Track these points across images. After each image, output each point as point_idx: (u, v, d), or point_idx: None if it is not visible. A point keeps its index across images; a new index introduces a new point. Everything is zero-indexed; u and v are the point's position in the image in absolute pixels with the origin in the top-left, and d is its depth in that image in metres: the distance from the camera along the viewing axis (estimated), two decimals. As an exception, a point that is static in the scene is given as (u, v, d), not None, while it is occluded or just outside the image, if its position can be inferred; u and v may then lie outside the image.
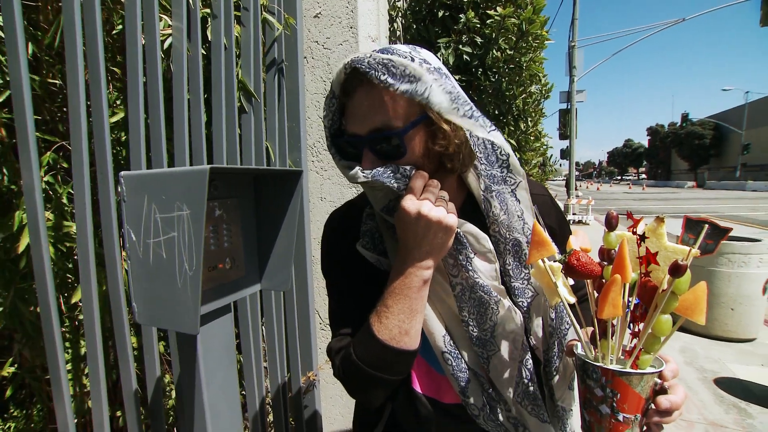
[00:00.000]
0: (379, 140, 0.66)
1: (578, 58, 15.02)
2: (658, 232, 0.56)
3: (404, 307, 0.68)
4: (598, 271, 0.58)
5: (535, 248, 0.61)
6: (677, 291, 0.54)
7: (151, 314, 0.57)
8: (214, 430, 0.65)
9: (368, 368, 0.71)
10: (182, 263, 0.53)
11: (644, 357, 0.57)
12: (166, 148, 0.92)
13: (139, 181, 0.55)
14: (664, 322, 0.55)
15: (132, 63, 0.85)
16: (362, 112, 0.66)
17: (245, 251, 0.72)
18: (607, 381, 0.56)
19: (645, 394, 0.56)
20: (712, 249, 0.55)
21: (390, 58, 0.63)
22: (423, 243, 0.65)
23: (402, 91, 0.62)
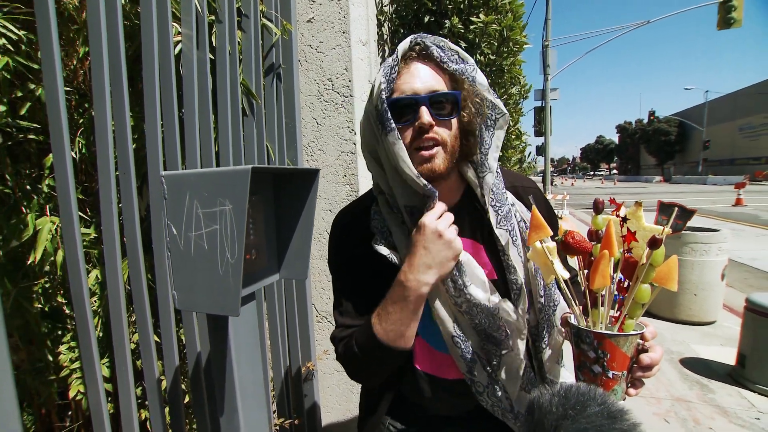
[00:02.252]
0: (439, 98, 0.77)
1: (551, 57, 15.47)
2: (637, 214, 0.67)
3: (402, 316, 0.78)
4: (590, 247, 0.68)
5: (533, 231, 0.70)
6: (654, 263, 0.64)
7: (191, 300, 0.64)
8: (243, 405, 0.72)
9: (366, 360, 0.83)
10: (224, 253, 0.60)
11: (628, 322, 0.67)
12: (180, 149, 0.97)
13: (181, 180, 0.62)
14: (644, 291, 0.65)
15: (149, 70, 0.90)
16: (422, 76, 0.77)
17: (267, 244, 0.79)
18: (598, 343, 0.66)
19: (630, 353, 0.66)
20: (681, 228, 0.66)
21: (446, 42, 0.78)
22: (431, 257, 0.75)
23: (453, 69, 0.76)
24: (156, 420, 0.91)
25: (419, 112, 0.76)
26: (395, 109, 0.78)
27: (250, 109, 1.28)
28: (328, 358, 1.78)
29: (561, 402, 0.42)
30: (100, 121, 0.80)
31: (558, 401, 0.42)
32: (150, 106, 0.91)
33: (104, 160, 0.81)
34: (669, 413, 2.61)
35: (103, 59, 0.78)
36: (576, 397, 0.42)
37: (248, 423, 0.72)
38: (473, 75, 0.76)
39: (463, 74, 0.76)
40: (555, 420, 0.41)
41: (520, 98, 2.36)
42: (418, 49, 0.78)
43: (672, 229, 0.66)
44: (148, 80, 0.90)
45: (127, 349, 0.84)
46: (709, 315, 3.94)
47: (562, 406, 0.42)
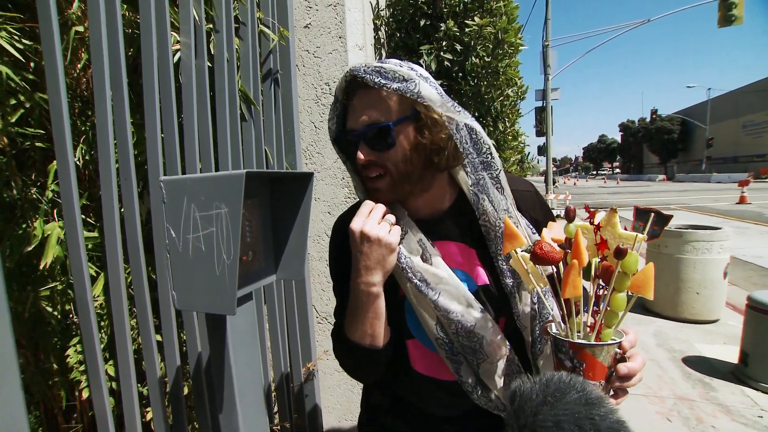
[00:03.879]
0: (372, 132, 0.77)
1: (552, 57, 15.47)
2: (612, 221, 0.66)
3: (361, 317, 0.81)
4: (559, 258, 0.68)
5: (507, 240, 0.72)
6: (626, 271, 0.64)
7: (190, 300, 0.66)
8: (241, 405, 0.74)
9: (348, 359, 0.89)
10: (220, 254, 0.62)
11: (606, 331, 0.67)
12: (180, 156, 1.00)
13: (179, 185, 0.64)
14: (619, 299, 0.65)
15: (148, 78, 0.93)
16: (359, 109, 0.79)
17: (263, 245, 0.81)
18: (574, 353, 0.66)
19: (607, 363, 0.66)
20: (658, 234, 0.66)
21: (382, 65, 0.76)
22: (366, 258, 0.77)
23: (394, 89, 0.74)
24: (158, 419, 0.94)
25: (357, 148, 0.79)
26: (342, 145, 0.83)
27: (248, 114, 1.31)
28: (329, 359, 1.80)
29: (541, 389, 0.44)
30: (101, 127, 0.83)
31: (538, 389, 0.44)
32: (150, 113, 0.93)
33: (106, 166, 0.84)
34: (672, 412, 2.61)
35: (104, 67, 0.81)
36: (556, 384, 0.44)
37: (246, 419, 0.74)
38: (416, 91, 0.75)
39: (406, 93, 0.75)
40: (534, 407, 0.43)
41: (517, 99, 2.38)
42: (356, 81, 0.78)
43: (648, 235, 0.66)
44: (147, 87, 0.93)
45: (129, 350, 0.86)
46: (712, 313, 3.93)
47: (542, 393, 0.43)
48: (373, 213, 0.78)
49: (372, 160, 0.80)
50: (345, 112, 0.82)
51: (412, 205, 0.91)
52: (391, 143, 0.78)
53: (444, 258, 0.90)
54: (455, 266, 0.91)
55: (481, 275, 0.91)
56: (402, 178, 0.81)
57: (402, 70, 0.76)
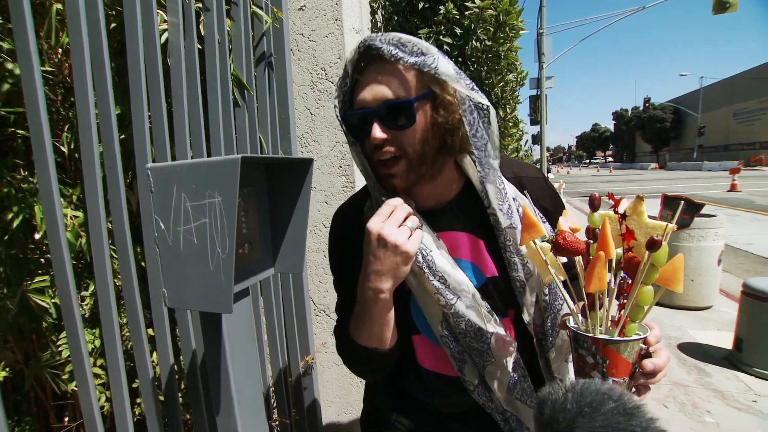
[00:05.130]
0: (389, 110, 0.72)
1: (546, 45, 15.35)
2: (639, 210, 0.62)
3: (368, 322, 0.77)
4: (583, 249, 0.64)
5: (525, 231, 0.67)
6: (656, 263, 0.60)
7: (183, 298, 0.62)
8: (239, 406, 0.70)
9: (353, 359, 0.86)
10: (215, 247, 0.57)
11: (630, 325, 0.63)
12: (168, 142, 0.94)
13: (167, 172, 0.59)
14: (646, 293, 0.61)
15: (133, 58, 0.86)
16: (374, 85, 0.72)
17: (261, 237, 0.76)
18: (597, 349, 0.63)
19: (631, 359, 0.63)
20: (688, 223, 0.64)
21: (400, 36, 0.70)
22: (378, 263, 0.72)
23: (412, 63, 0.69)
24: (151, 417, 0.90)
25: (371, 126, 0.72)
26: (351, 124, 0.76)
27: (242, 99, 1.25)
28: (327, 352, 1.77)
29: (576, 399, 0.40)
30: (83, 113, 0.77)
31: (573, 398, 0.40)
32: (136, 97, 0.87)
33: (89, 154, 0.78)
34: (668, 398, 2.64)
35: (83, 48, 0.74)
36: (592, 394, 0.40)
37: (245, 421, 0.70)
38: (434, 66, 0.69)
39: (424, 66, 0.69)
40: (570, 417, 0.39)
41: (516, 85, 2.33)
42: (371, 53, 0.72)
43: (678, 224, 0.62)
44: (133, 70, 0.87)
45: (118, 347, 0.81)
46: (706, 300, 3.97)
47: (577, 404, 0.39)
48: (395, 214, 0.72)
49: (388, 139, 0.73)
50: (353, 87, 0.76)
51: (418, 195, 0.87)
52: (410, 121, 0.73)
53: (450, 249, 0.86)
54: (462, 257, 0.88)
55: (489, 266, 0.87)
56: (419, 161, 0.76)
57: (421, 42, 0.71)
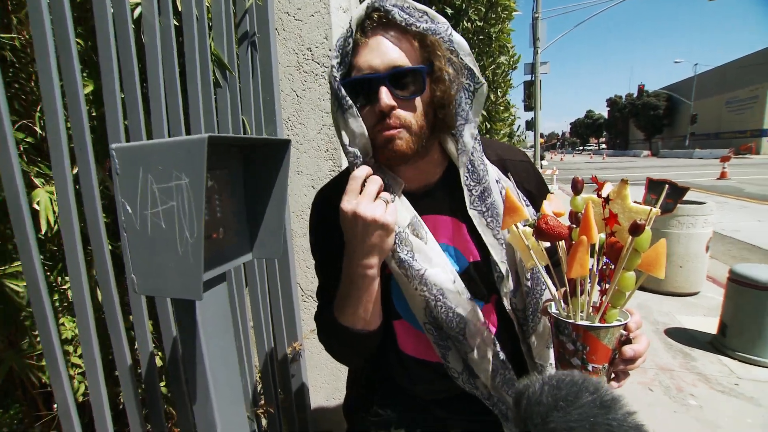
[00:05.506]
0: (398, 76, 0.69)
1: (542, 30, 15.19)
2: (623, 194, 0.60)
3: (355, 301, 0.76)
4: (566, 234, 0.62)
5: (507, 214, 0.65)
6: (639, 248, 0.58)
7: (152, 285, 0.59)
8: (215, 395, 0.69)
9: (336, 343, 0.85)
10: (183, 231, 0.55)
11: (611, 311, 0.63)
12: (144, 123, 0.90)
13: (133, 153, 0.56)
14: (627, 278, 0.60)
15: (102, 32, 0.82)
16: (382, 49, 0.69)
17: (236, 221, 0.74)
18: (577, 335, 0.62)
19: (612, 345, 0.62)
20: (671, 208, 0.61)
21: (410, 2, 0.69)
22: (361, 241, 0.70)
23: (425, 29, 0.67)
24: (131, 407, 0.88)
25: (379, 93, 0.69)
26: (352, 90, 0.72)
27: (223, 80, 1.20)
28: (315, 338, 1.76)
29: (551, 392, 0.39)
30: (46, 92, 0.72)
31: (548, 391, 0.39)
32: (107, 74, 0.83)
33: (55, 135, 0.74)
34: (653, 382, 2.69)
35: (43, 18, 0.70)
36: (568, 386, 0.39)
37: (222, 410, 0.68)
38: (449, 35, 0.67)
39: (436, 34, 0.67)
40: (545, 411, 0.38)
41: (508, 69, 2.29)
42: (377, 16, 0.68)
43: (662, 209, 0.61)
44: (102, 46, 0.82)
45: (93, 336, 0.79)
46: (694, 286, 4.02)
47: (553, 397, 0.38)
48: (367, 190, 0.70)
49: (395, 106, 0.70)
50: (354, 50, 0.72)
51: (403, 176, 0.84)
52: (419, 89, 0.71)
53: (434, 233, 0.84)
54: (446, 242, 0.86)
55: (472, 251, 0.86)
56: (417, 135, 0.73)
57: (431, 10, 0.69)
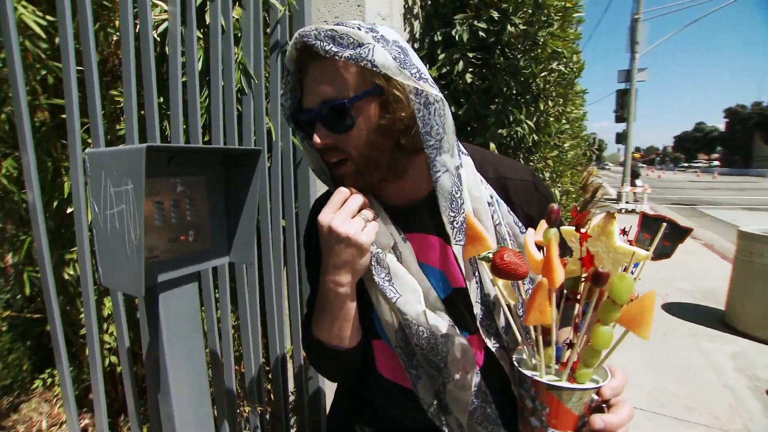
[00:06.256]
0: (328, 111, 0.66)
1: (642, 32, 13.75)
2: (608, 230, 0.51)
3: (328, 317, 0.74)
4: (525, 273, 0.53)
5: (469, 243, 0.58)
6: (617, 300, 0.48)
7: (110, 279, 0.63)
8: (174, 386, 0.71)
9: (315, 356, 0.84)
10: (129, 233, 0.57)
11: (582, 370, 0.52)
12: (159, 129, 0.98)
13: (99, 158, 0.60)
14: (602, 334, 0.50)
15: (125, 46, 0.90)
16: (314, 84, 0.68)
17: (212, 225, 0.76)
18: (536, 392, 0.53)
19: (578, 411, 0.52)
20: (669, 252, 0.49)
21: (335, 28, 0.63)
22: (334, 257, 0.68)
23: (347, 56, 0.62)
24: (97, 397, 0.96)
25: (314, 131, 0.69)
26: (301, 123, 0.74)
27: (248, 88, 1.26)
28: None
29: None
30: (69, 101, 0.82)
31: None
32: (126, 81, 0.92)
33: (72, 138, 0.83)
34: (740, 449, 2.23)
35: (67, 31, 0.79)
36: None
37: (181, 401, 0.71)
38: (370, 58, 0.61)
39: (360, 60, 0.61)
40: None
41: (570, 76, 2.09)
42: (308, 50, 0.66)
43: (655, 253, 0.49)
44: (124, 56, 0.91)
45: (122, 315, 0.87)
46: (812, 337, 3.29)
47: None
48: (346, 205, 0.68)
49: (329, 143, 0.69)
50: (300, 85, 0.72)
51: (384, 192, 0.80)
52: (350, 124, 0.67)
53: (418, 253, 0.79)
54: (430, 263, 0.79)
55: (458, 277, 0.78)
56: (367, 165, 0.70)
57: (358, 33, 0.62)
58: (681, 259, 6.25)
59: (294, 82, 0.72)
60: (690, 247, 7.19)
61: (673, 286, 4.95)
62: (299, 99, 0.73)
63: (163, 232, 0.67)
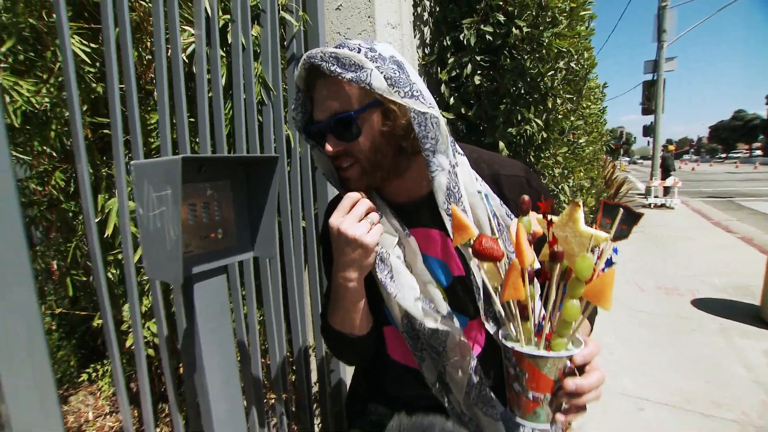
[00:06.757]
0: (337, 123, 0.76)
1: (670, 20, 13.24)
2: (574, 217, 0.57)
3: (341, 308, 0.84)
4: (500, 256, 0.62)
5: (456, 232, 0.66)
6: (580, 277, 0.56)
7: (154, 270, 0.74)
8: (208, 365, 0.81)
9: (330, 341, 0.93)
10: (169, 231, 0.68)
11: (557, 341, 0.60)
12: (189, 139, 1.10)
13: (142, 168, 0.71)
14: (571, 307, 0.57)
15: (159, 70, 1.03)
16: (322, 100, 0.78)
17: (237, 224, 0.86)
18: (516, 361, 0.61)
19: (553, 376, 0.59)
20: (626, 234, 0.56)
21: (337, 51, 0.72)
22: (343, 256, 0.77)
23: (349, 78, 0.71)
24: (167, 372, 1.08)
25: (325, 141, 0.78)
26: (312, 134, 0.83)
27: (267, 99, 1.37)
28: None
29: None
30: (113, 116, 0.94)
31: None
32: (160, 99, 1.04)
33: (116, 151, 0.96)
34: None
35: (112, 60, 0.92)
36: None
37: (213, 379, 0.81)
38: (368, 82, 0.70)
39: (360, 82, 0.71)
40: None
41: (582, 72, 2.11)
42: (315, 70, 0.76)
43: (615, 235, 0.55)
44: (158, 78, 1.03)
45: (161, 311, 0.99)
46: None
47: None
48: (354, 210, 0.78)
49: (340, 150, 0.79)
50: (311, 101, 0.82)
51: (388, 191, 0.89)
52: (356, 133, 0.77)
53: (421, 245, 0.87)
54: (432, 254, 0.88)
55: (458, 265, 0.86)
56: (372, 166, 0.80)
57: (357, 56, 0.72)
58: (714, 254, 6.02)
59: (304, 98, 0.82)
60: (725, 241, 6.89)
61: (704, 281, 4.79)
62: (310, 113, 0.83)
63: (196, 230, 0.77)
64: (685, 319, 3.79)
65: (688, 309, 4.05)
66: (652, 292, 4.56)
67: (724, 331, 3.52)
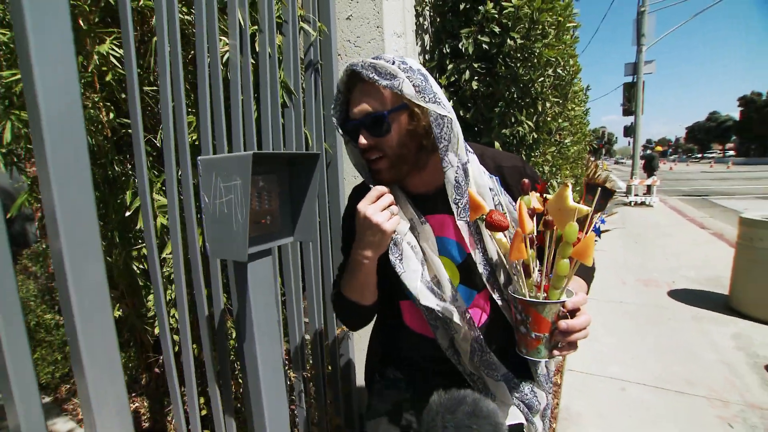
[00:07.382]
0: (369, 120, 0.91)
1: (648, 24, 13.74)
2: (564, 195, 0.74)
3: (354, 280, 0.98)
4: (506, 225, 0.79)
5: (472, 210, 0.82)
6: (568, 240, 0.73)
7: (218, 250, 0.87)
8: (258, 334, 0.95)
9: (341, 309, 1.08)
10: (237, 215, 0.81)
11: (553, 291, 0.76)
12: (226, 138, 1.22)
13: (210, 163, 0.84)
14: (562, 264, 0.74)
15: (201, 75, 1.15)
16: (358, 101, 0.92)
17: (281, 212, 1.00)
18: (522, 308, 0.78)
19: (550, 319, 0.76)
20: (603, 207, 0.73)
21: (375, 62, 0.88)
22: (364, 236, 0.91)
23: (384, 84, 0.87)
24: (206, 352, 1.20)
25: (359, 135, 0.93)
26: (347, 130, 0.97)
27: (289, 101, 1.50)
28: (362, 323, 2.00)
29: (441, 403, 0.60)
30: (164, 116, 1.07)
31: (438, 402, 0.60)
32: (202, 102, 1.16)
33: (167, 148, 1.08)
34: (735, 418, 2.41)
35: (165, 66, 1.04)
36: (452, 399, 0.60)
37: (262, 345, 0.94)
38: (400, 88, 0.85)
39: (393, 89, 0.86)
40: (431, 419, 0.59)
41: (567, 78, 2.29)
42: (355, 76, 0.90)
43: (595, 209, 0.72)
44: (200, 83, 1.16)
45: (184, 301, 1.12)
46: (813, 318, 3.42)
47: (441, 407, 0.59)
48: (380, 201, 0.92)
49: (371, 144, 0.93)
50: (347, 102, 0.96)
51: (410, 183, 1.04)
52: (387, 130, 0.91)
53: (437, 230, 1.02)
54: (446, 235, 1.03)
55: (472, 243, 1.01)
56: (398, 160, 0.94)
57: (392, 67, 0.87)
58: (689, 249, 6.37)
59: (343, 100, 0.96)
60: (700, 237, 7.28)
61: (680, 275, 5.09)
62: (346, 112, 0.97)
63: (251, 216, 0.91)
64: (662, 309, 4.07)
65: (665, 300, 4.33)
66: (633, 285, 4.84)
67: (696, 319, 3.80)
